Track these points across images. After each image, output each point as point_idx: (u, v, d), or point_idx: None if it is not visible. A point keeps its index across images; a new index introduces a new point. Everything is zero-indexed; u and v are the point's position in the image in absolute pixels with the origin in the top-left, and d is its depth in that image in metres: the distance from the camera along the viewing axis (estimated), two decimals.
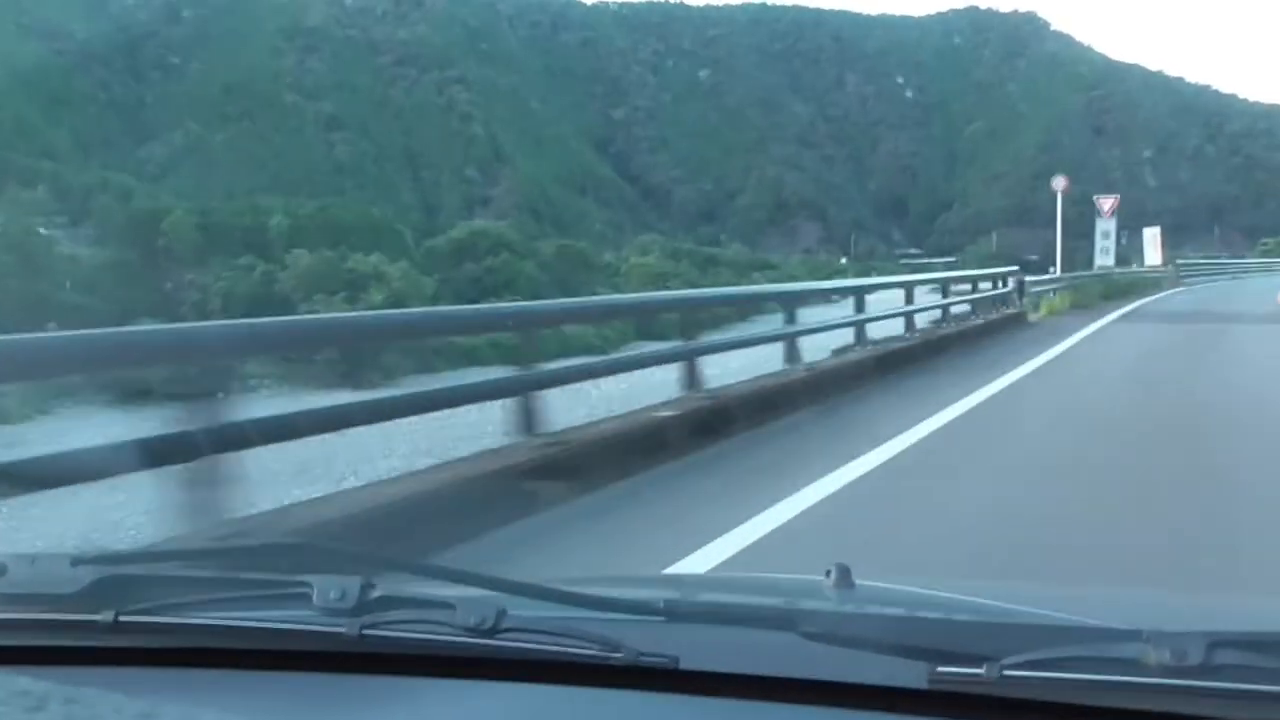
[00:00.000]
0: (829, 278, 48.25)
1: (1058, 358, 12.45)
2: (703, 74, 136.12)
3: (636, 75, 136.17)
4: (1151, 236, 41.66)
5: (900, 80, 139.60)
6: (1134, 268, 38.33)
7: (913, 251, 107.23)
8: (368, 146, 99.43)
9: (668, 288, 26.18)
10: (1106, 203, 32.38)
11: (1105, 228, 32.10)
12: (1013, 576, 3.46)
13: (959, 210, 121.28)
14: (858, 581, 1.01)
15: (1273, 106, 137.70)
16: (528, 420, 5.13)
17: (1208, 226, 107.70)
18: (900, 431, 6.56)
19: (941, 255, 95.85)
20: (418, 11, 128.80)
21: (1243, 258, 56.51)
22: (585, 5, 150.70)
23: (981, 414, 7.83)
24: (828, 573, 1.01)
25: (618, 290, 27.65)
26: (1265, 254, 57.42)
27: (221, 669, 0.90)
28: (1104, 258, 31.62)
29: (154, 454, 3.24)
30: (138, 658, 0.91)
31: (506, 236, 33.10)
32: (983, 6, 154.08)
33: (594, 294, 24.68)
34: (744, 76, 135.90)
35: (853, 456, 5.70)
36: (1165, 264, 39.03)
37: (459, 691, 0.86)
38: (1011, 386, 9.63)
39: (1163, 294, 31.28)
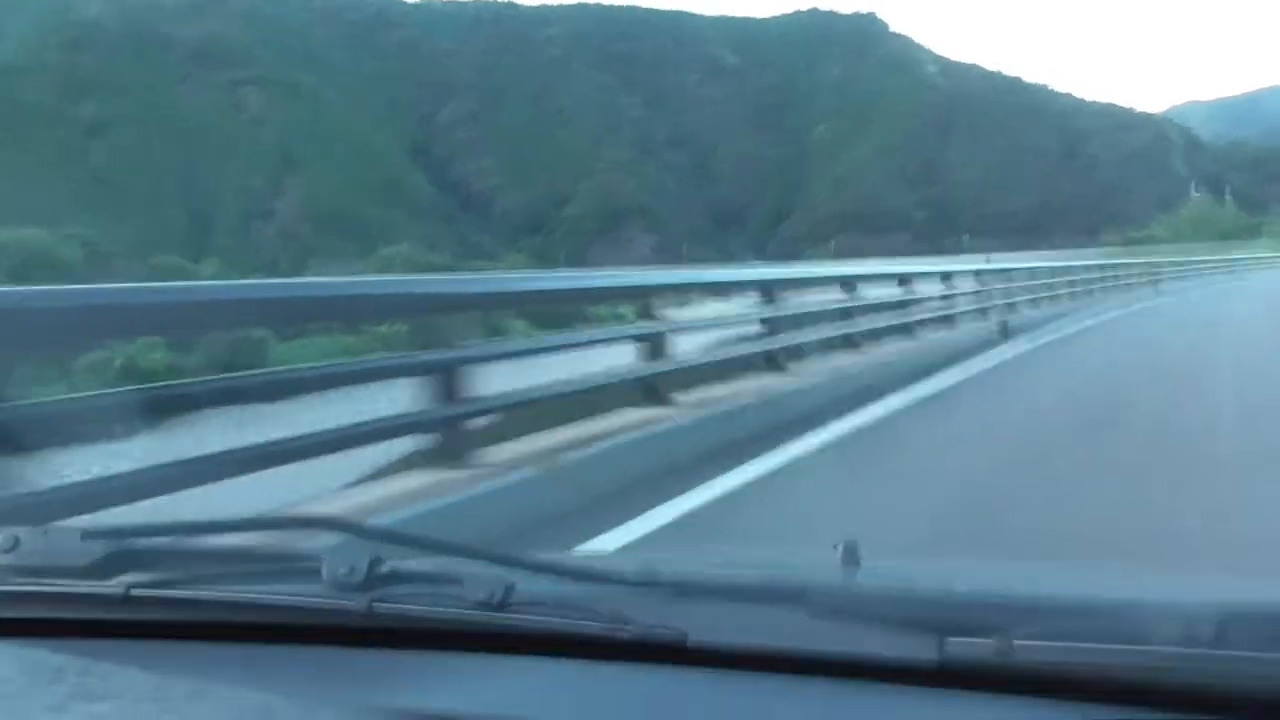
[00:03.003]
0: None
1: None
2: (533, 75, 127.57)
3: (462, 77, 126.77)
4: None
5: (741, 81, 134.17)
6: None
7: (752, 262, 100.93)
8: (134, 154, 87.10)
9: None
10: None
11: None
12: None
13: (802, 217, 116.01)
14: (864, 558, 1.01)
15: (1109, 105, 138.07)
16: None
17: (1050, 227, 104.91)
18: None
19: (780, 264, 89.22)
20: (216, 6, 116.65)
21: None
22: (408, 3, 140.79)
23: None
24: (835, 548, 1.02)
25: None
26: (1109, 251, 52.02)
27: (232, 643, 0.91)
28: None
29: None
30: (150, 630, 0.92)
31: (55, 252, 23.49)
32: (823, 8, 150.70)
33: None
34: (578, 78, 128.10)
35: None
36: None
37: (468, 666, 0.87)
38: None
39: None
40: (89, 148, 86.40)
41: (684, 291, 8.21)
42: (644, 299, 6.07)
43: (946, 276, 12.54)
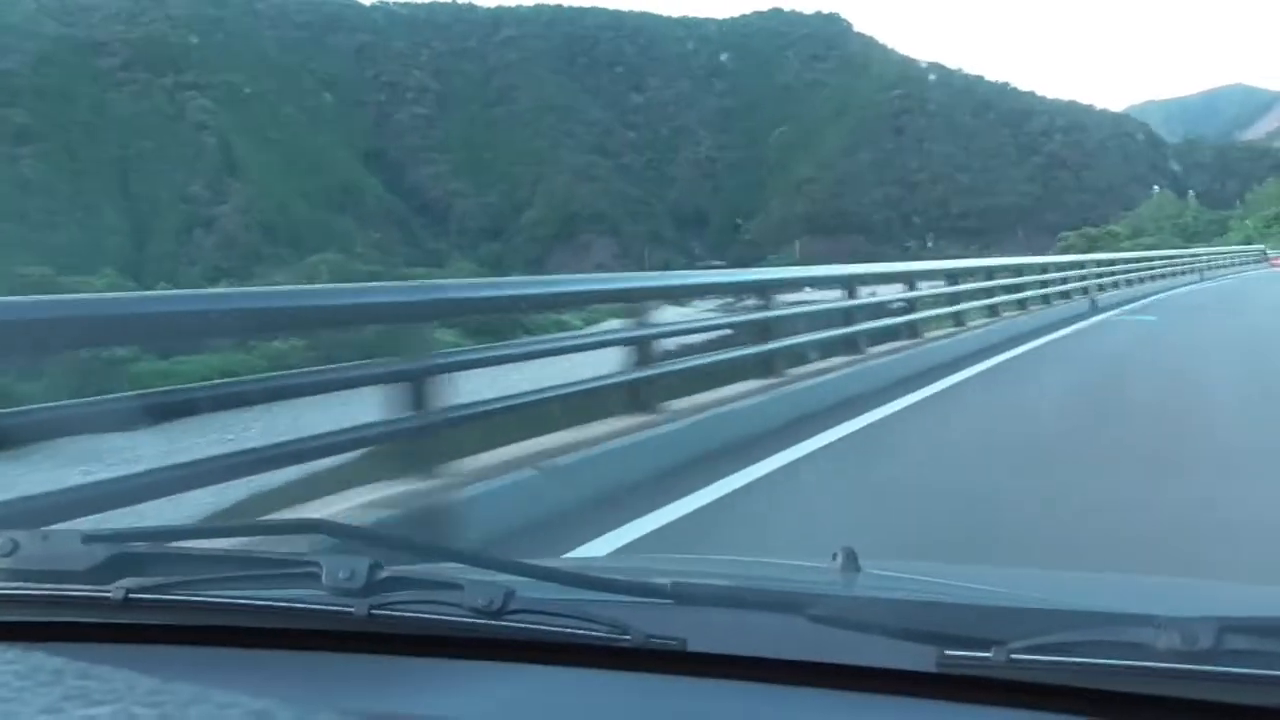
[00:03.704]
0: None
1: None
2: (490, 78, 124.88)
3: (416, 80, 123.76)
4: None
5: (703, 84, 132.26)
6: None
7: (715, 264, 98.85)
8: (67, 160, 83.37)
9: None
10: None
11: None
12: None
13: (763, 219, 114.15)
14: (864, 565, 1.01)
15: (1070, 103, 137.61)
16: None
17: (1013, 227, 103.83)
18: None
19: (743, 268, 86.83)
20: (156, 8, 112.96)
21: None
22: (362, 5, 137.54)
23: None
24: (834, 556, 1.01)
25: None
26: (1066, 249, 50.14)
27: (231, 647, 0.91)
28: None
29: None
30: (148, 635, 0.92)
31: None
32: (786, 9, 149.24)
33: None
34: (536, 81, 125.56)
35: None
36: None
37: (467, 672, 0.87)
38: None
39: None
40: (18, 154, 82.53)
41: None
42: None
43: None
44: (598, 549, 3.66)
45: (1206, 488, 4.37)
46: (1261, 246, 46.46)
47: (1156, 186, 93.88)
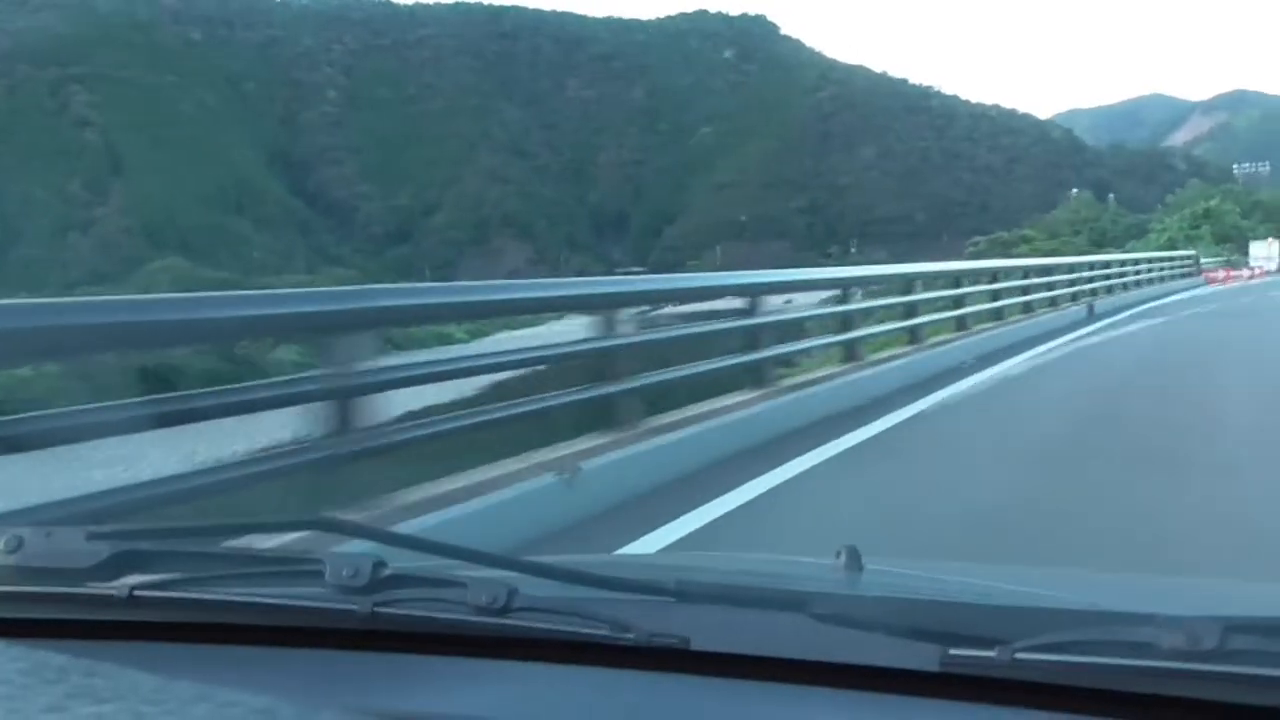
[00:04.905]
0: None
1: None
2: (402, 77, 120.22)
3: (326, 77, 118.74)
4: None
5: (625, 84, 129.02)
6: None
7: (635, 270, 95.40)
8: None
9: None
10: None
11: None
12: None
13: (683, 223, 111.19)
14: (867, 564, 1.01)
15: (994, 108, 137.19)
16: None
17: (936, 232, 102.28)
18: None
19: (665, 273, 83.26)
20: None
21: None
22: (272, 1, 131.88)
23: None
24: (838, 554, 1.02)
25: None
26: (975, 255, 46.52)
27: (235, 645, 0.92)
28: None
29: None
30: (152, 632, 0.93)
31: None
32: (712, 10, 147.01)
33: None
34: (451, 79, 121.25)
35: None
36: None
37: (470, 670, 0.87)
38: None
39: None
40: None
41: None
42: None
43: None
44: None
45: None
46: (1191, 252, 37.53)
47: (1075, 189, 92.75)
